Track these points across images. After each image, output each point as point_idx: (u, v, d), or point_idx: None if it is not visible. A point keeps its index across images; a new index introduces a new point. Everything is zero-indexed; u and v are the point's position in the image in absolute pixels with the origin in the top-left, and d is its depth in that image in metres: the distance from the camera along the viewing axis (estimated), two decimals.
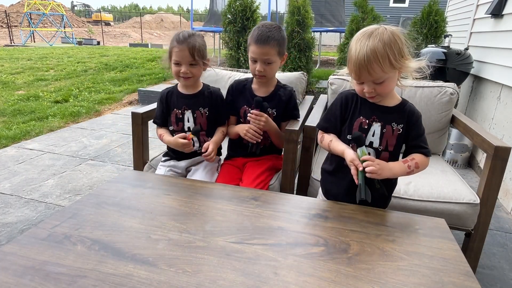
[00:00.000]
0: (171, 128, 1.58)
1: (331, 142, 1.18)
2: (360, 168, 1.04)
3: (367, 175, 1.04)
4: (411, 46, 1.08)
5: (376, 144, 1.15)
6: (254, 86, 1.63)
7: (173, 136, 1.53)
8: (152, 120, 1.66)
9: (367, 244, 0.89)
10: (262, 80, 1.58)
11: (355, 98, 1.18)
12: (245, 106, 1.61)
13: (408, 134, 1.14)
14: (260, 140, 1.52)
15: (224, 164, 1.67)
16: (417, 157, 1.12)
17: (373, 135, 1.14)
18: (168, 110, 1.58)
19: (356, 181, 1.07)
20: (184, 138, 1.48)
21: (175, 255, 0.84)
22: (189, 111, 1.55)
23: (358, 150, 1.06)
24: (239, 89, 1.65)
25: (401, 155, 1.21)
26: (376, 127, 1.14)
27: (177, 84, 1.61)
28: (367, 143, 1.15)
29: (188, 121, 1.56)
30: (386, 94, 1.11)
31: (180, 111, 1.55)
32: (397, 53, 1.03)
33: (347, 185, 1.18)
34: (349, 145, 1.15)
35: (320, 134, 1.27)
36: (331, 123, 1.23)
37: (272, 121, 1.54)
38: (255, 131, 1.50)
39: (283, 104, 1.60)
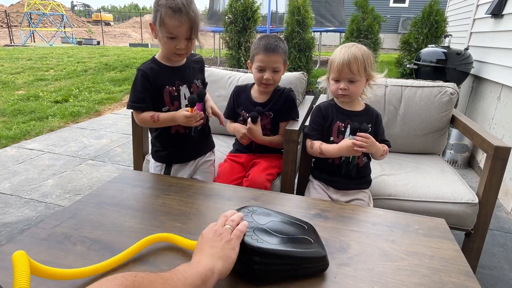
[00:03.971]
0: (165, 109, 1.34)
1: (322, 145, 1.38)
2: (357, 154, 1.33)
3: (360, 149, 1.29)
4: (375, 67, 1.41)
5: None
6: (253, 92, 1.67)
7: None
8: (129, 105, 1.33)
9: (367, 244, 0.89)
10: (269, 89, 1.61)
11: (330, 108, 1.43)
12: (243, 111, 1.64)
13: (376, 131, 1.40)
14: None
15: (226, 160, 1.67)
16: (385, 147, 1.40)
17: (349, 135, 1.37)
18: (157, 88, 1.32)
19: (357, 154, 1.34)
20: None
21: (176, 255, 0.84)
22: (184, 85, 1.35)
23: (350, 137, 1.31)
24: (239, 93, 1.70)
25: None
26: None
27: (154, 58, 1.38)
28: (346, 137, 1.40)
29: (185, 98, 1.35)
30: (355, 95, 1.38)
31: (174, 87, 1.33)
32: (369, 64, 1.34)
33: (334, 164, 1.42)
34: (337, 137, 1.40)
35: (309, 142, 1.44)
36: (317, 131, 1.43)
37: (259, 134, 1.54)
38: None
39: (280, 105, 1.62)
